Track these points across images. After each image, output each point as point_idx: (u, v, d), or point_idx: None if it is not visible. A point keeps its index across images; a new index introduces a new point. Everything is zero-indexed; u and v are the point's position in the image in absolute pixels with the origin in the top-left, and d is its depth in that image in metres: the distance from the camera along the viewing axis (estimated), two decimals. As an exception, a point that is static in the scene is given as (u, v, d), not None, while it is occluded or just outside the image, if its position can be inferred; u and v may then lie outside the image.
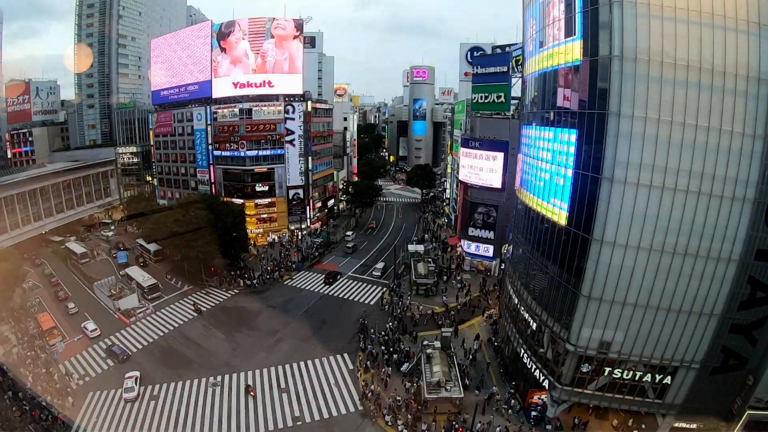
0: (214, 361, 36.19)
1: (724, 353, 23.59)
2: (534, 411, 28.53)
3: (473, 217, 51.52)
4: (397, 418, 28.85)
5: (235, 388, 32.95)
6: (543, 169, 27.51)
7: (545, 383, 27.43)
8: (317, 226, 72.16)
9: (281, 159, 65.97)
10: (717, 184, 21.09)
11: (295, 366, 35.35)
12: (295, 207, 67.85)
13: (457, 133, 65.19)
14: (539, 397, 28.30)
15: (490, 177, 48.96)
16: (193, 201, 56.94)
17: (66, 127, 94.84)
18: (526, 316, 29.89)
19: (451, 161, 70.95)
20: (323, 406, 30.92)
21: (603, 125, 21.62)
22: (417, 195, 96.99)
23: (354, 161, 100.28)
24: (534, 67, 29.24)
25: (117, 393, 32.25)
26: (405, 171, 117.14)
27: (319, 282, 51.48)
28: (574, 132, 24.00)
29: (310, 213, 70.16)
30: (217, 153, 67.03)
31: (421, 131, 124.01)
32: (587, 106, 22.95)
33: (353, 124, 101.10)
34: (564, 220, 24.89)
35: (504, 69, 50.02)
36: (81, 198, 72.80)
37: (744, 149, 20.65)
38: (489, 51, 78.38)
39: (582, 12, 22.59)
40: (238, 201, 63.42)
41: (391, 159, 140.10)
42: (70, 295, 48.13)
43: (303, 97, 66.25)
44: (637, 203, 21.78)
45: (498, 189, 48.43)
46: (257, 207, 65.94)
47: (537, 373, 28.18)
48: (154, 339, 39.83)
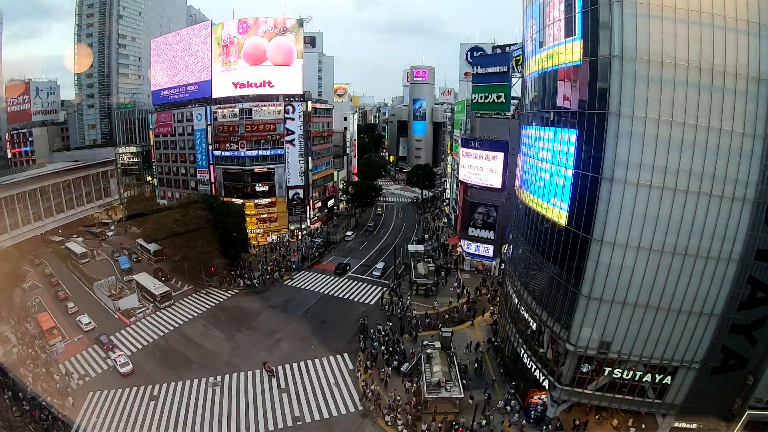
0: (214, 361, 36.22)
1: (724, 353, 23.60)
2: (534, 411, 28.51)
3: (473, 217, 51.55)
4: (397, 418, 28.85)
5: (235, 388, 32.94)
6: (543, 169, 27.53)
7: (545, 383, 27.44)
8: (317, 226, 72.20)
9: (281, 159, 66.00)
10: (717, 184, 21.09)
11: (295, 366, 35.38)
12: (295, 207, 67.85)
13: (457, 133, 65.19)
14: (539, 397, 28.29)
15: (490, 177, 48.99)
16: (193, 201, 56.90)
17: (66, 127, 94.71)
18: (526, 316, 29.90)
19: (451, 161, 70.96)
20: (323, 406, 30.94)
21: (603, 125, 21.64)
22: (417, 195, 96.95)
23: (354, 161, 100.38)
24: (534, 67, 29.25)
25: (117, 393, 32.27)
26: (405, 171, 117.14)
27: (320, 282, 51.53)
28: (574, 132, 24.01)
29: (310, 213, 70.19)
30: (217, 153, 67.03)
31: (421, 131, 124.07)
32: (587, 106, 22.96)
33: (353, 124, 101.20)
34: (564, 220, 24.90)
35: (504, 69, 50.01)
36: (81, 198, 72.74)
37: (744, 149, 20.66)
38: (489, 51, 78.26)
39: (582, 12, 22.60)
40: (238, 201, 63.43)
41: (391, 159, 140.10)
42: (70, 295, 48.16)
43: (303, 97, 66.29)
44: (637, 203, 21.78)
45: (498, 189, 48.47)
46: (257, 207, 65.95)
47: (537, 373, 28.19)
48: (154, 339, 39.86)
